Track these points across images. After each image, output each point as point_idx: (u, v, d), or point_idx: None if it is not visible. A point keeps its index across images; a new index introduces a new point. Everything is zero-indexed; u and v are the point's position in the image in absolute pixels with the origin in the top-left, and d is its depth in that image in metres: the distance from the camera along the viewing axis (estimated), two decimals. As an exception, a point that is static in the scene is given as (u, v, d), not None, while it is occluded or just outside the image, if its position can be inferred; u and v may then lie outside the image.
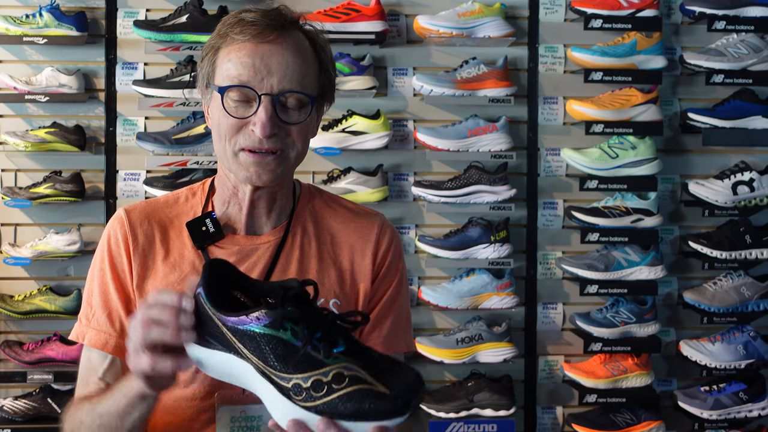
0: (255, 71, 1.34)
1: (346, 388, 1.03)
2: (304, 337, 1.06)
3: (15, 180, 3.31)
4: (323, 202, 1.54)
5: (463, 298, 3.22)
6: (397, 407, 1.03)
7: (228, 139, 1.37)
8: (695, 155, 3.46)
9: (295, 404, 1.05)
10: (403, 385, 1.05)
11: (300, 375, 1.05)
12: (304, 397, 1.05)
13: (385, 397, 1.03)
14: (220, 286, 1.14)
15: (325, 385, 1.04)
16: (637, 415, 3.25)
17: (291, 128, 1.37)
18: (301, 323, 1.06)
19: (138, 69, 3.31)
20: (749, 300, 3.28)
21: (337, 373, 1.04)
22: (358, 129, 3.22)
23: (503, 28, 3.26)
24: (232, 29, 1.38)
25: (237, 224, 1.47)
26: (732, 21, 3.26)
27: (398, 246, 1.54)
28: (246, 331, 1.07)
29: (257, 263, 1.44)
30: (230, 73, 1.36)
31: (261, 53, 1.35)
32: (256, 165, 1.37)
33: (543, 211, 3.40)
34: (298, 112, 1.37)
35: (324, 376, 1.04)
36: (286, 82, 1.35)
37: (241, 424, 1.33)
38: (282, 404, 1.06)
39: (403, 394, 1.04)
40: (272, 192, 1.45)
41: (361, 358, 1.07)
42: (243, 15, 1.39)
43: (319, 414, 1.04)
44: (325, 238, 1.49)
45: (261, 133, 1.33)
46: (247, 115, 1.35)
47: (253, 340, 1.07)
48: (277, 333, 1.06)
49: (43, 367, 3.15)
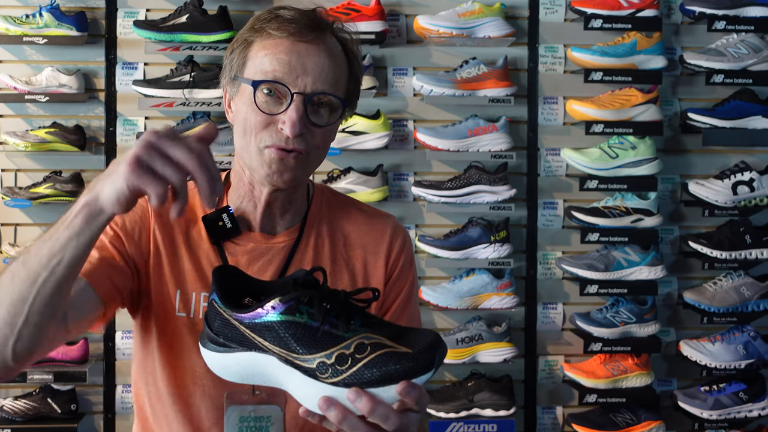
0: (290, 69, 1.33)
1: (370, 355, 1.06)
2: (321, 316, 1.08)
3: (15, 180, 3.31)
4: (337, 204, 1.54)
5: (463, 298, 3.22)
6: (422, 363, 1.06)
7: (254, 134, 1.35)
8: (695, 155, 3.46)
9: (323, 383, 1.07)
10: (423, 343, 1.08)
11: (323, 353, 1.07)
12: (330, 373, 1.07)
13: (408, 356, 1.06)
14: (232, 290, 1.16)
15: (348, 357, 1.06)
16: (637, 415, 3.25)
17: (317, 131, 1.36)
18: (315, 303, 1.09)
19: (138, 69, 3.31)
20: (749, 300, 3.28)
21: (359, 344, 1.07)
22: (358, 129, 3.22)
23: (503, 28, 3.26)
24: (269, 24, 1.36)
25: (252, 221, 1.46)
26: (732, 21, 3.26)
27: (410, 249, 1.55)
28: (264, 323, 1.09)
29: (271, 263, 1.44)
30: (264, 68, 1.34)
31: (298, 51, 1.34)
32: (278, 162, 1.35)
33: (543, 211, 3.40)
34: (328, 114, 1.36)
35: (346, 348, 1.07)
36: (320, 84, 1.33)
37: (250, 425, 1.33)
38: (310, 386, 1.08)
39: (426, 351, 1.07)
40: (288, 194, 1.44)
41: (379, 328, 1.10)
42: (281, 12, 1.37)
43: (347, 386, 1.06)
44: (338, 240, 1.49)
45: (290, 132, 1.31)
46: (277, 112, 1.33)
47: (272, 330, 1.09)
48: (294, 318, 1.08)
49: (43, 367, 3.15)
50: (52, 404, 3.15)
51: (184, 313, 1.40)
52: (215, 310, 1.13)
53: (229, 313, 1.12)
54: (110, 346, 3.28)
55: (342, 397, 1.06)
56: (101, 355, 3.29)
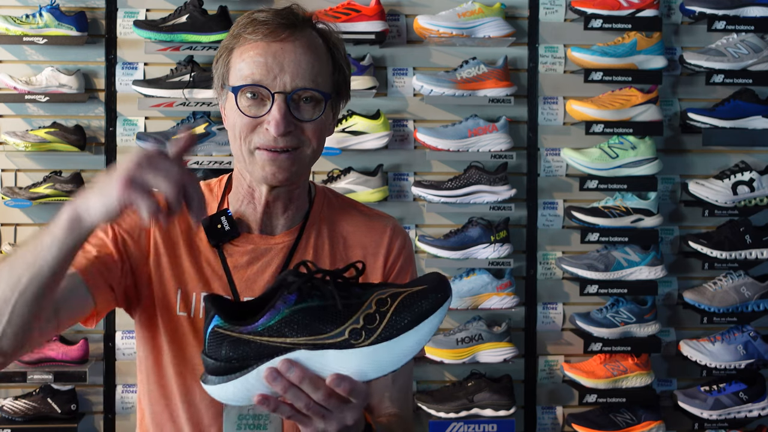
0: (267, 70, 1.34)
1: (393, 304, 1.11)
2: (334, 291, 1.11)
3: (15, 180, 3.31)
4: (338, 205, 1.54)
5: (463, 298, 3.22)
6: (442, 292, 1.13)
7: (243, 138, 1.37)
8: (695, 155, 3.46)
9: (360, 347, 1.10)
10: (430, 279, 1.15)
11: (350, 321, 1.10)
12: (364, 336, 1.10)
13: (426, 291, 1.12)
14: (227, 312, 1.15)
15: (375, 315, 1.11)
16: (637, 415, 3.25)
17: (305, 126, 1.37)
18: (320, 284, 1.12)
19: (138, 69, 3.31)
20: (749, 300, 3.28)
21: (378, 300, 1.11)
22: (358, 129, 3.22)
23: (503, 28, 3.26)
24: (245, 29, 1.38)
25: (252, 223, 1.46)
26: (732, 21, 3.26)
27: (409, 250, 1.55)
28: (281, 320, 1.10)
29: (270, 263, 1.44)
30: (243, 73, 1.36)
31: (273, 51, 1.35)
32: (271, 163, 1.36)
33: (543, 211, 3.40)
34: (312, 109, 1.37)
35: (368, 308, 1.11)
36: (299, 80, 1.34)
37: (249, 422, 1.33)
38: (349, 357, 1.10)
39: (438, 282, 1.14)
40: (288, 192, 1.45)
41: (382, 285, 1.15)
42: (255, 15, 1.39)
43: (385, 340, 1.10)
44: (338, 241, 1.49)
45: (275, 131, 1.33)
46: (260, 114, 1.35)
47: (292, 323, 1.10)
48: (308, 303, 1.11)
49: (43, 367, 3.15)
50: (52, 404, 3.15)
51: (184, 313, 1.42)
52: (219, 337, 1.11)
53: (238, 330, 1.11)
54: (110, 346, 3.28)
55: (389, 352, 1.10)
56: (101, 355, 3.29)
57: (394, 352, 1.10)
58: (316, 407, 1.11)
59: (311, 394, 1.10)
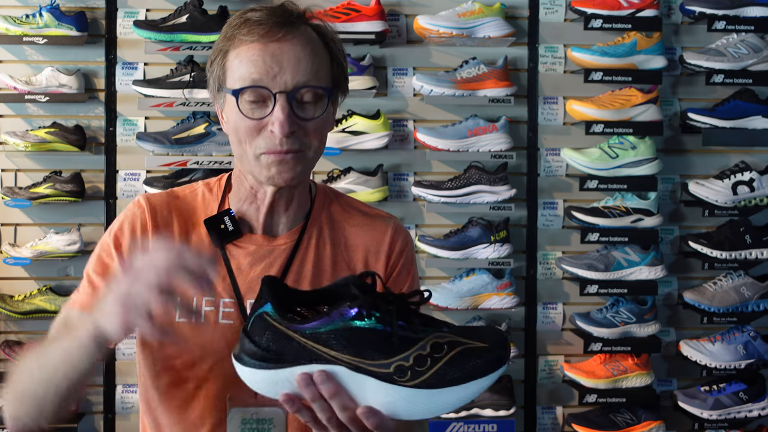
0: (267, 70, 1.32)
1: (449, 354, 1.05)
2: (391, 320, 1.06)
3: (15, 180, 3.31)
4: (339, 206, 1.53)
5: (463, 298, 3.22)
6: (501, 356, 1.07)
7: (249, 143, 1.35)
8: (695, 155, 3.46)
9: (402, 386, 1.05)
10: (494, 336, 1.08)
11: (399, 356, 1.05)
12: (409, 376, 1.05)
13: (486, 350, 1.06)
14: (280, 300, 1.12)
15: (427, 358, 1.05)
16: (637, 415, 3.25)
17: (309, 125, 1.35)
18: (382, 307, 1.07)
19: (138, 69, 3.31)
20: (749, 300, 3.28)
21: (434, 344, 1.06)
22: (358, 129, 3.22)
23: (503, 28, 3.26)
24: (239, 30, 1.35)
25: (254, 223, 1.46)
26: (732, 21, 3.26)
27: (411, 250, 1.54)
28: (332, 332, 1.07)
29: (273, 264, 1.43)
30: (242, 75, 1.33)
31: (271, 51, 1.32)
32: (277, 165, 1.35)
33: (543, 211, 3.40)
34: (315, 106, 1.35)
35: (422, 349, 1.05)
36: (300, 78, 1.32)
37: (252, 427, 1.32)
38: (388, 392, 1.06)
39: (500, 343, 1.08)
40: (291, 190, 1.44)
41: (444, 327, 1.10)
42: (248, 15, 1.36)
43: (429, 388, 1.05)
44: (340, 241, 1.49)
45: (279, 132, 1.31)
46: (263, 116, 1.33)
47: (342, 338, 1.06)
48: (364, 323, 1.06)
49: (43, 367, 3.15)
50: (52, 404, 3.15)
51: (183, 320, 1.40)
52: (265, 323, 1.09)
53: (286, 325, 1.08)
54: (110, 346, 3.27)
55: (425, 400, 1.06)
56: (101, 355, 3.29)
57: (432, 402, 1.06)
58: (337, 423, 1.10)
59: (338, 412, 1.09)
